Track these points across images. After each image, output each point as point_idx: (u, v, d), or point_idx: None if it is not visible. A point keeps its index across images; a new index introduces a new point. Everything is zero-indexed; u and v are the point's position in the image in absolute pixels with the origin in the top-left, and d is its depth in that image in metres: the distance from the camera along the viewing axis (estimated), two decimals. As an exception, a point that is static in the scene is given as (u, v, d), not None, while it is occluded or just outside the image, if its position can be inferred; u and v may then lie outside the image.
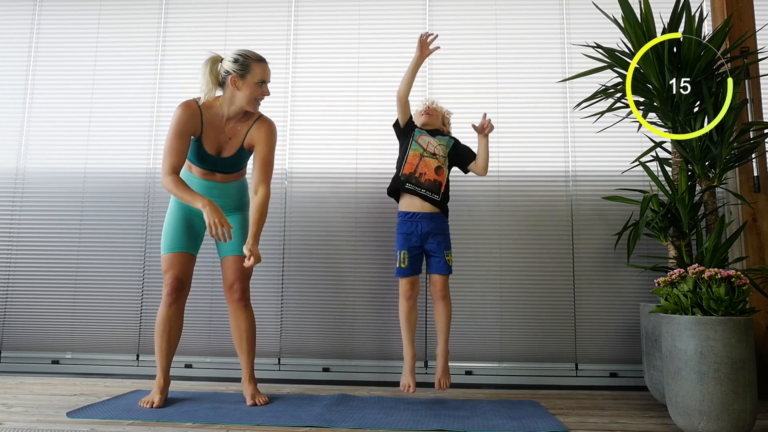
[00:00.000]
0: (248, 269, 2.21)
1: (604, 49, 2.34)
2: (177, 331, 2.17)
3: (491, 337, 2.71)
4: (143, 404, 2.06)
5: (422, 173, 2.25)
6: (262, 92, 2.16)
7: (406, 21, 2.93)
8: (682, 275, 1.85)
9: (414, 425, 1.85)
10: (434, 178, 2.25)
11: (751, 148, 2.27)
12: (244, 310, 2.21)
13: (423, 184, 2.24)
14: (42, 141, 2.95)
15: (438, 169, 2.26)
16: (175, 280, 2.12)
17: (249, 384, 2.20)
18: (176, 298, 2.13)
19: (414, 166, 2.26)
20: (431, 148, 2.28)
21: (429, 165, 2.26)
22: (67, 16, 3.05)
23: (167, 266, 2.13)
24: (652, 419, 2.01)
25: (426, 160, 2.26)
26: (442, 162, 2.28)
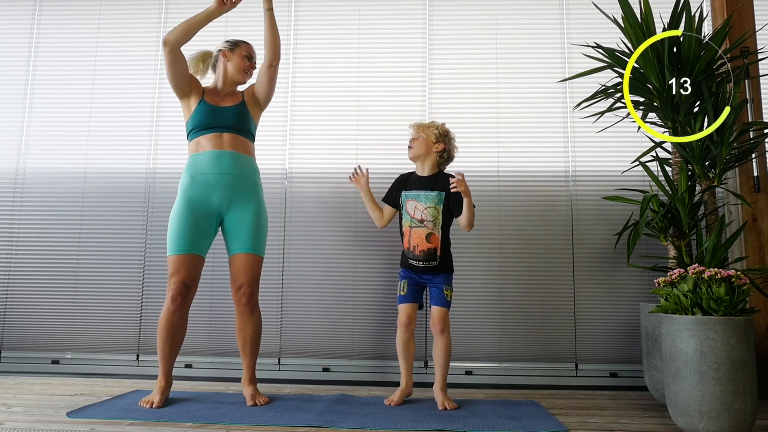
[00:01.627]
0: (258, 270, 2.18)
1: (604, 49, 2.34)
2: (181, 335, 2.14)
3: (491, 337, 2.71)
4: (143, 404, 2.06)
5: (415, 246, 2.21)
6: (250, 65, 2.32)
7: (406, 21, 2.93)
8: (682, 275, 1.85)
9: (414, 425, 1.85)
10: (427, 247, 2.19)
11: (751, 148, 2.27)
12: (251, 315, 2.17)
13: (419, 256, 2.21)
14: (42, 141, 2.95)
15: (429, 237, 2.20)
16: (181, 284, 2.07)
17: (249, 385, 2.19)
18: (180, 303, 2.08)
19: (408, 241, 2.24)
20: (418, 214, 2.22)
21: (419, 235, 2.21)
22: (67, 16, 3.05)
23: (174, 269, 2.08)
24: (652, 419, 2.01)
25: (415, 231, 2.21)
26: (432, 227, 2.20)
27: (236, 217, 2.17)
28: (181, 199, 2.14)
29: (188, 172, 2.17)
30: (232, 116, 2.21)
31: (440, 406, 2.11)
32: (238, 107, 2.24)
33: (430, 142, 2.28)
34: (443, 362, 2.18)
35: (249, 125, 2.26)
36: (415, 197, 2.25)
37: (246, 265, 2.15)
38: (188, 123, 2.23)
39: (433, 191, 2.24)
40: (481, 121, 2.84)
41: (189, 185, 2.15)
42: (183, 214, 2.11)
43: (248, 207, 2.18)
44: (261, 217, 2.21)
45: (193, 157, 2.18)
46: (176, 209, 2.14)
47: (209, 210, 2.15)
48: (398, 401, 2.16)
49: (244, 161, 2.20)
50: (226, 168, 2.15)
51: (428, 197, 2.24)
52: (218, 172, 2.14)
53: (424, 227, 2.21)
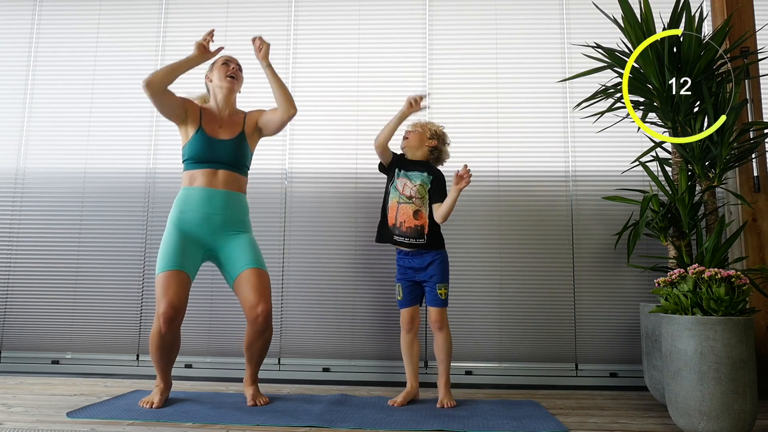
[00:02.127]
0: (268, 285, 2.14)
1: (604, 49, 2.34)
2: (175, 350, 2.11)
3: (491, 337, 2.71)
4: (143, 404, 2.06)
5: (402, 222, 2.22)
6: (229, 68, 2.26)
7: (406, 21, 2.93)
8: (682, 275, 1.85)
9: (414, 425, 1.85)
10: (414, 224, 2.20)
11: (751, 148, 2.27)
12: (264, 333, 2.11)
13: (405, 232, 2.21)
14: (42, 141, 2.95)
15: (416, 213, 2.21)
16: (170, 308, 1.98)
17: (251, 385, 2.19)
18: (170, 327, 2.00)
19: (394, 216, 2.23)
20: (407, 190, 2.23)
21: (406, 211, 2.21)
22: (67, 16, 3.05)
23: (162, 290, 2.01)
24: (652, 419, 2.01)
25: (403, 207, 2.22)
26: (420, 204, 2.22)
27: (230, 247, 2.16)
28: (171, 226, 2.14)
29: (178, 206, 2.15)
30: (229, 152, 2.18)
31: (439, 404, 2.13)
32: (236, 141, 2.21)
33: (424, 136, 2.32)
34: (444, 357, 2.21)
35: (245, 159, 2.25)
36: (405, 176, 2.27)
37: (257, 280, 2.10)
38: (184, 150, 2.20)
39: (423, 172, 2.28)
40: (481, 121, 2.84)
41: (178, 218, 2.14)
42: (172, 237, 2.11)
43: (240, 236, 2.18)
44: (255, 243, 2.22)
45: (185, 192, 2.16)
46: (166, 234, 2.13)
47: (197, 240, 2.14)
48: (401, 403, 2.16)
49: (234, 201, 2.19)
50: (216, 209, 2.14)
51: (418, 176, 2.27)
52: (208, 212, 2.13)
53: (412, 203, 2.23)
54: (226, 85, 2.24)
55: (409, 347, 2.25)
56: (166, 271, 2.04)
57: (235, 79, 2.27)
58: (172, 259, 2.06)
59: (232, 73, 2.27)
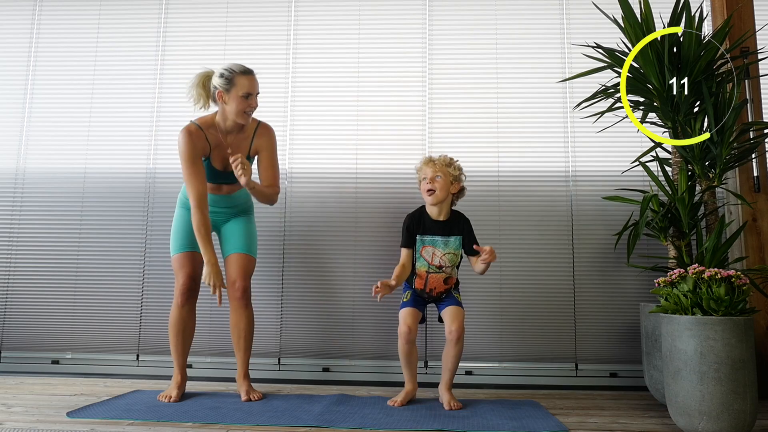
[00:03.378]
0: (250, 268, 2.29)
1: (604, 49, 2.34)
2: (191, 330, 2.26)
3: (491, 337, 2.71)
4: (162, 398, 2.15)
5: (432, 288, 2.22)
6: (249, 104, 2.17)
7: (406, 21, 2.93)
8: (682, 275, 1.85)
9: (414, 425, 1.85)
10: (444, 288, 2.23)
11: (751, 148, 2.27)
12: (245, 309, 2.26)
13: (436, 297, 2.24)
14: (42, 141, 2.95)
15: (447, 280, 2.23)
16: (189, 279, 2.19)
17: (243, 381, 2.26)
18: (188, 297, 2.20)
19: (423, 282, 2.22)
20: (436, 260, 2.19)
21: (437, 280, 2.21)
22: (67, 16, 3.05)
23: (179, 266, 2.20)
24: (652, 419, 2.01)
25: (433, 276, 2.21)
26: (449, 271, 2.23)
27: (230, 226, 2.34)
28: (180, 209, 2.28)
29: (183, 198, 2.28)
30: (233, 179, 2.24)
31: (446, 406, 2.10)
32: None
33: (449, 182, 2.20)
34: (452, 366, 2.15)
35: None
36: (433, 243, 2.22)
37: (239, 263, 2.26)
38: None
39: (452, 236, 2.22)
40: (481, 121, 2.84)
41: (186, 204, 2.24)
42: (182, 220, 2.26)
43: (241, 219, 2.35)
44: (252, 227, 2.37)
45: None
46: (177, 216, 2.29)
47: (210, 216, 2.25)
48: (401, 402, 2.15)
49: (238, 197, 2.35)
50: (221, 207, 2.33)
51: (447, 243, 2.22)
52: (213, 210, 2.29)
53: (442, 273, 2.22)
54: (241, 121, 2.19)
55: (408, 355, 2.15)
56: (181, 252, 2.22)
57: (251, 116, 2.22)
58: (185, 241, 2.23)
59: (251, 109, 2.19)
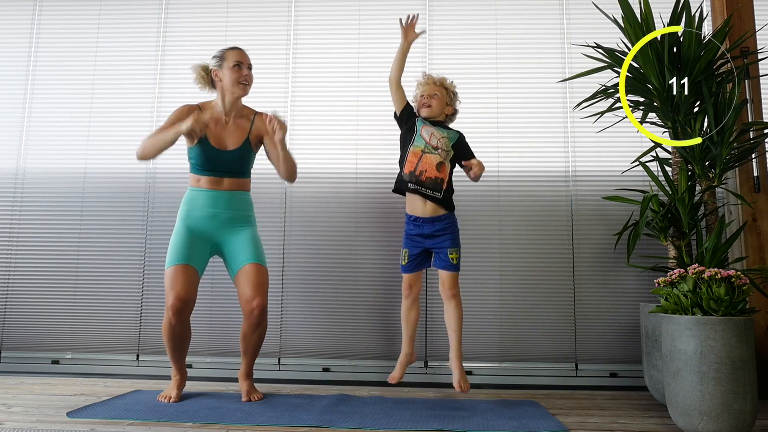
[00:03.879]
0: (266, 281, 2.18)
1: (604, 49, 2.34)
2: (187, 340, 2.19)
3: (491, 337, 2.71)
4: (162, 398, 2.14)
5: (422, 171, 2.19)
6: (241, 73, 2.20)
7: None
8: (682, 275, 1.85)
9: (414, 425, 1.85)
10: (435, 175, 2.18)
11: (751, 148, 2.27)
12: (259, 326, 2.16)
13: (424, 182, 2.19)
14: (42, 141, 2.95)
15: (440, 166, 2.19)
16: (178, 300, 2.05)
17: (246, 380, 2.23)
18: (179, 318, 2.07)
19: (414, 164, 2.20)
20: (434, 140, 2.21)
21: (430, 162, 2.19)
22: (67, 16, 3.05)
23: (170, 283, 2.08)
24: (652, 419, 2.01)
25: (427, 157, 2.19)
26: (444, 157, 2.21)
27: (234, 241, 2.22)
28: (179, 224, 2.21)
29: (185, 206, 2.22)
30: (234, 162, 2.21)
31: (456, 385, 2.13)
32: (240, 151, 2.22)
33: (444, 102, 2.31)
34: (457, 327, 2.19)
35: (249, 165, 2.29)
36: (432, 125, 2.27)
37: (256, 276, 2.14)
38: (190, 152, 2.22)
39: (446, 129, 2.29)
40: (481, 121, 2.84)
41: (186, 217, 2.21)
42: (181, 234, 2.18)
43: (244, 231, 2.23)
44: (258, 238, 2.28)
45: (191, 192, 2.23)
46: (175, 231, 2.20)
47: (204, 237, 2.20)
48: (399, 376, 2.21)
49: (239, 200, 2.24)
50: (221, 208, 2.20)
51: (443, 130, 2.28)
52: (213, 212, 2.19)
53: (437, 155, 2.21)
54: (238, 92, 2.21)
55: (407, 312, 2.27)
56: (174, 265, 2.11)
57: (248, 85, 2.23)
58: (180, 253, 2.13)
59: (245, 79, 2.21)
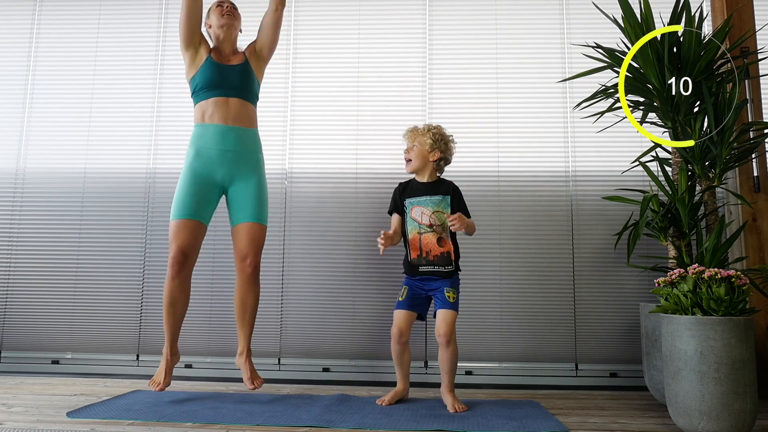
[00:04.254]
0: (262, 240, 2.23)
1: (604, 49, 2.34)
2: (183, 303, 2.18)
3: (491, 337, 2.71)
4: (151, 386, 2.14)
5: (428, 251, 2.15)
6: (224, 9, 2.32)
7: (406, 21, 2.93)
8: (682, 275, 1.85)
9: (414, 425, 1.85)
10: (440, 251, 2.15)
11: (751, 148, 2.26)
12: (254, 285, 2.21)
13: (433, 261, 2.15)
14: (42, 141, 2.95)
15: (440, 241, 2.15)
16: (179, 252, 2.11)
17: (246, 359, 2.21)
18: (179, 270, 2.12)
19: (417, 248, 2.17)
20: (426, 219, 2.17)
21: (430, 240, 2.16)
22: (67, 16, 3.05)
23: (173, 235, 2.13)
24: (652, 419, 2.01)
25: (426, 237, 2.16)
26: (441, 231, 2.17)
27: (240, 189, 2.24)
28: (187, 170, 2.21)
29: (194, 145, 2.23)
30: (238, 75, 2.27)
31: (450, 409, 2.07)
32: (243, 66, 2.30)
33: (425, 151, 2.22)
34: (450, 369, 2.12)
35: (254, 85, 2.33)
36: (419, 203, 2.20)
37: (251, 234, 2.19)
38: (193, 79, 2.27)
39: (437, 195, 2.21)
40: (481, 121, 2.84)
41: (194, 158, 2.22)
42: (187, 183, 2.18)
43: (251, 180, 2.24)
44: (263, 189, 2.28)
45: (198, 129, 2.24)
46: (182, 179, 2.20)
47: (212, 182, 2.22)
48: (389, 401, 2.13)
49: (247, 137, 2.26)
50: (230, 145, 2.22)
51: (433, 201, 2.20)
52: (222, 149, 2.21)
53: (433, 231, 2.17)
54: (225, 21, 2.31)
55: (399, 356, 2.17)
56: (178, 219, 2.14)
57: (232, 16, 2.34)
58: (185, 207, 2.15)
59: (228, 11, 2.33)
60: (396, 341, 2.15)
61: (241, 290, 2.21)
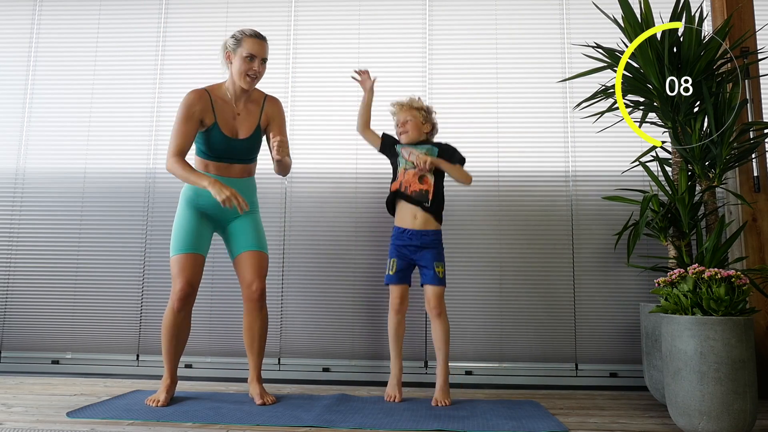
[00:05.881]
0: (266, 267, 2.22)
1: (604, 49, 2.34)
2: (185, 335, 2.18)
3: (491, 337, 2.71)
4: (150, 402, 2.08)
5: (407, 186, 2.27)
6: (251, 66, 2.14)
7: (406, 21, 2.93)
8: (682, 275, 1.85)
9: (414, 425, 1.85)
10: (419, 187, 2.26)
11: (751, 148, 2.26)
12: (260, 312, 2.19)
13: (410, 196, 2.26)
14: (42, 141, 2.95)
15: (421, 178, 2.27)
16: (187, 285, 2.08)
17: (256, 384, 2.20)
18: (185, 304, 2.09)
19: (399, 182, 2.29)
20: (413, 157, 2.28)
21: (412, 176, 2.27)
22: (67, 16, 3.05)
23: (178, 270, 2.09)
24: (652, 419, 2.01)
25: (409, 172, 2.28)
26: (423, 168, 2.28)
27: (237, 225, 2.23)
28: (185, 205, 2.19)
29: (194, 190, 2.18)
30: (245, 150, 2.22)
31: (433, 401, 2.14)
32: (251, 139, 2.22)
33: (419, 123, 2.35)
34: (443, 345, 2.21)
35: (258, 152, 2.30)
36: (410, 146, 2.33)
37: (255, 262, 2.18)
38: (198, 136, 2.19)
39: (426, 145, 2.34)
40: (481, 121, 2.84)
41: (194, 200, 2.18)
42: (186, 217, 2.17)
43: (247, 218, 2.24)
44: (260, 224, 2.30)
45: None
46: (181, 213, 2.18)
47: (210, 217, 2.21)
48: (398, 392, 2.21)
49: (245, 186, 2.25)
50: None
51: (422, 147, 2.32)
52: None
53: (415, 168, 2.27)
54: (243, 84, 2.16)
55: (396, 329, 2.26)
56: (181, 253, 2.11)
57: (257, 79, 2.19)
58: (187, 241, 2.13)
59: (255, 73, 2.17)
60: (395, 311, 2.26)
61: (249, 317, 2.18)
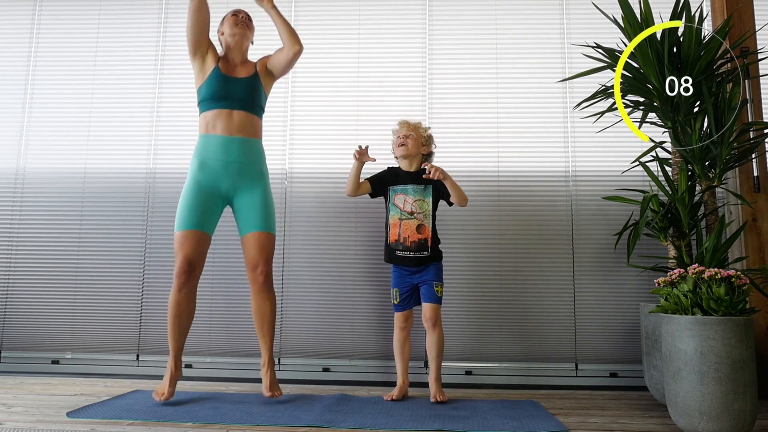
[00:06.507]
0: (272, 249, 2.25)
1: (604, 49, 2.34)
2: (188, 314, 2.18)
3: (491, 337, 2.71)
4: (156, 396, 2.10)
5: (405, 237, 2.30)
6: (237, 18, 2.31)
7: (406, 21, 2.93)
8: (682, 275, 1.85)
9: (414, 425, 1.85)
10: (418, 238, 2.30)
11: (751, 148, 2.26)
12: (268, 293, 2.22)
13: (410, 247, 2.30)
14: (42, 141, 2.95)
15: (419, 228, 2.30)
16: (185, 262, 2.11)
17: (268, 369, 2.21)
18: (186, 280, 2.12)
19: (397, 233, 2.32)
20: (408, 207, 2.32)
21: (410, 226, 2.31)
22: (67, 16, 3.05)
23: (178, 246, 2.13)
24: (652, 419, 2.01)
25: (406, 223, 2.31)
26: (422, 218, 2.32)
27: (245, 200, 2.24)
28: (191, 181, 2.21)
29: (197, 156, 2.23)
30: (245, 89, 2.26)
31: (432, 398, 2.20)
32: (250, 79, 2.29)
33: (420, 142, 2.40)
34: (437, 355, 2.28)
35: (260, 98, 2.33)
36: (404, 191, 2.36)
37: (261, 244, 2.20)
38: (200, 90, 2.27)
39: (421, 184, 2.35)
40: (481, 121, 2.84)
41: (198, 169, 2.21)
42: (192, 194, 2.18)
43: (256, 190, 2.25)
44: (269, 198, 2.30)
45: (203, 139, 2.24)
46: (186, 189, 2.20)
47: (217, 193, 2.22)
48: (399, 397, 2.25)
49: (251, 148, 2.26)
50: (234, 156, 2.21)
51: (416, 190, 2.35)
52: (226, 160, 2.21)
53: (414, 219, 2.31)
54: (238, 31, 2.30)
55: (402, 345, 2.33)
56: (183, 230, 2.14)
57: (246, 26, 2.33)
58: (189, 218, 2.15)
59: (242, 21, 2.32)
60: (401, 330, 2.33)
61: (256, 300, 2.22)
